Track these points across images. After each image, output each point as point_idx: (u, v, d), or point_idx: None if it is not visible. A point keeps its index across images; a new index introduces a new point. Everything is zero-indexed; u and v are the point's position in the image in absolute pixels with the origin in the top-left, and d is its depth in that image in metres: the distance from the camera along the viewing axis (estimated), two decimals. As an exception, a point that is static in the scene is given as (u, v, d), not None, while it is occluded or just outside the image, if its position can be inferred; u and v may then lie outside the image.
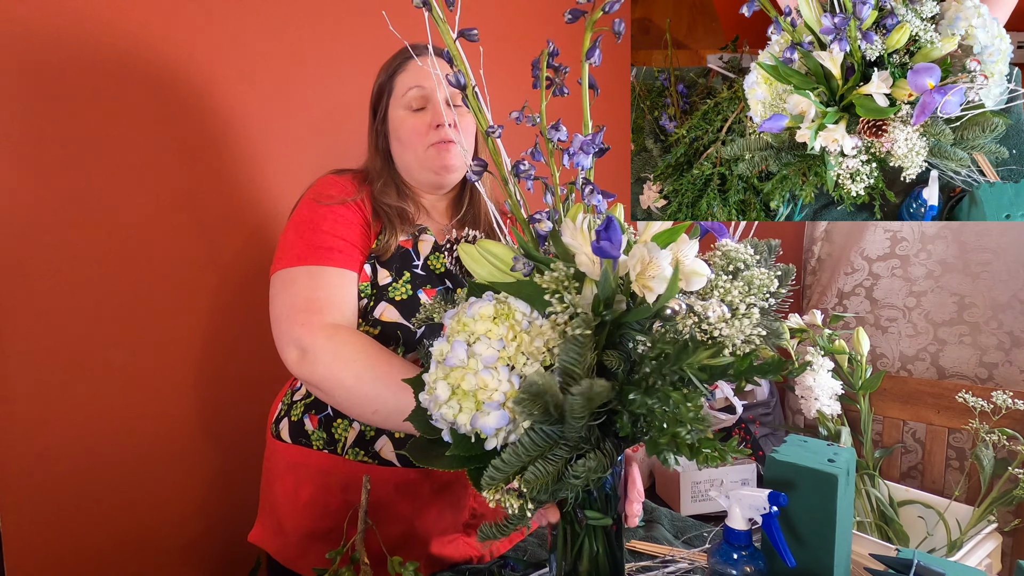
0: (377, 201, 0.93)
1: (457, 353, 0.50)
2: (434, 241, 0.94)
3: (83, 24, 1.03)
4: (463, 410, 0.50)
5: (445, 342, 0.53)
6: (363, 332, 0.86)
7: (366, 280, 0.88)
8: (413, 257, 0.91)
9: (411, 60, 0.93)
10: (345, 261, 0.85)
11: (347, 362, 0.77)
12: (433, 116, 0.91)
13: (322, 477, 0.89)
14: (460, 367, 0.50)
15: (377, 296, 0.88)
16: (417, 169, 0.95)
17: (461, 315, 0.53)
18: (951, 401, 1.18)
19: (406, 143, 0.93)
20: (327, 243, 0.84)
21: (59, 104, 1.02)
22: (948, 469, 1.51)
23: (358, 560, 0.63)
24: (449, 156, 0.92)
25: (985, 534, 0.88)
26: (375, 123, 0.97)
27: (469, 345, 0.51)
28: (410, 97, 0.92)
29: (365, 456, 0.88)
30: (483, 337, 0.50)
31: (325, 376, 0.77)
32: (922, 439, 1.58)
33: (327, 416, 0.90)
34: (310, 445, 0.90)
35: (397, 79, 0.94)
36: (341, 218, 0.87)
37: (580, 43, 0.55)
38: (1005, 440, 0.91)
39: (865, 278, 1.72)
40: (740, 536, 0.63)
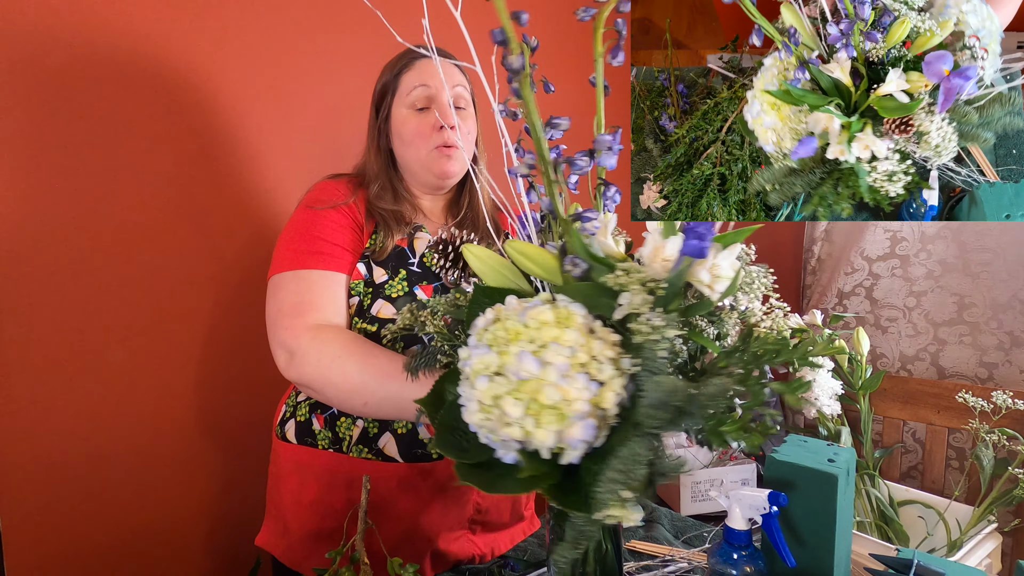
0: (372, 204, 0.94)
1: (526, 364, 0.45)
2: (429, 239, 0.95)
3: (82, 25, 1.03)
4: (541, 425, 0.45)
5: (489, 354, 0.48)
6: (360, 328, 0.88)
7: (359, 278, 0.90)
8: (409, 255, 0.92)
9: (417, 59, 0.94)
10: (332, 263, 0.88)
11: (332, 359, 0.80)
12: (438, 118, 0.92)
13: (327, 476, 0.90)
14: (533, 379, 0.45)
15: (374, 294, 0.89)
16: (419, 170, 0.96)
17: (507, 322, 0.48)
18: (951, 401, 1.18)
19: (409, 143, 0.94)
20: (314, 247, 0.87)
21: (60, 107, 1.02)
22: (948, 469, 1.51)
23: (358, 560, 0.63)
24: (452, 163, 0.94)
25: (985, 534, 0.88)
26: (377, 121, 0.98)
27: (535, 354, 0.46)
28: (415, 96, 0.93)
29: (369, 453, 0.89)
30: (553, 344, 0.46)
31: (314, 376, 0.81)
32: (922, 439, 1.58)
33: (332, 415, 0.91)
34: (316, 444, 0.91)
35: (403, 78, 0.94)
36: (331, 222, 0.89)
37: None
38: (1005, 440, 0.91)
39: (865, 278, 1.72)
40: (740, 536, 0.63)
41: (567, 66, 1.86)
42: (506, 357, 0.47)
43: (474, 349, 0.49)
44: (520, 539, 1.00)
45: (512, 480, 0.48)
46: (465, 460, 0.50)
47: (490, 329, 0.49)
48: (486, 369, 0.47)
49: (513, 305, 0.51)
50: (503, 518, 0.99)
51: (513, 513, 1.01)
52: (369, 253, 0.91)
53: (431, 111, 0.93)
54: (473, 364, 0.48)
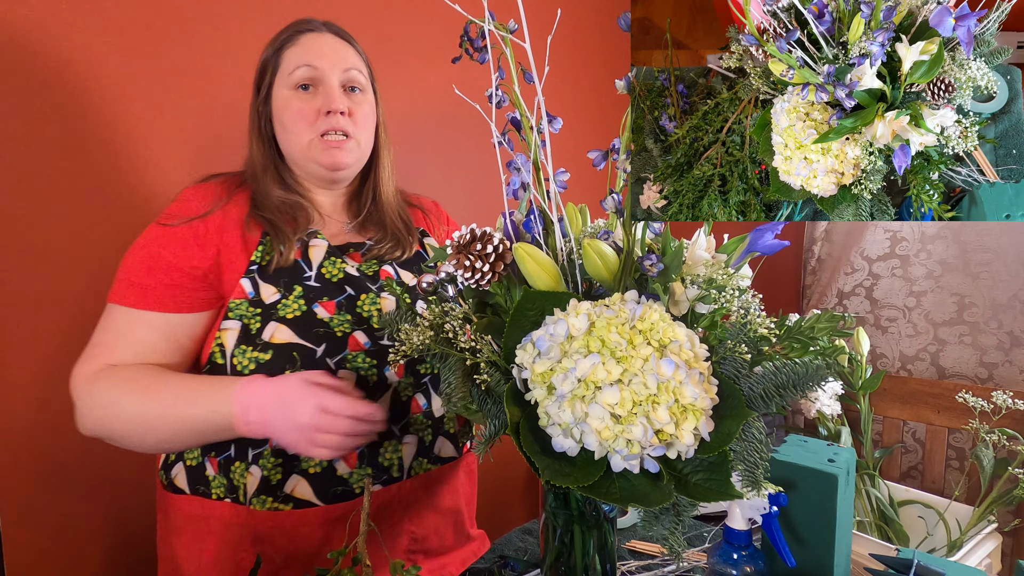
0: (256, 206, 0.81)
1: (664, 369, 0.43)
2: (328, 245, 0.83)
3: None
4: (680, 426, 0.44)
5: (598, 362, 0.44)
6: (252, 357, 0.76)
7: (242, 297, 0.77)
8: (304, 268, 0.80)
9: (303, 35, 0.83)
10: (150, 301, 0.75)
11: (105, 408, 0.71)
12: (324, 100, 0.80)
13: (227, 531, 0.76)
14: (667, 381, 0.44)
15: (264, 315, 0.76)
16: (304, 161, 0.83)
17: (617, 324, 0.46)
18: (951, 401, 1.18)
19: (290, 129, 0.82)
20: (132, 278, 0.76)
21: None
22: (948, 469, 1.51)
23: (360, 561, 0.63)
24: (340, 154, 0.82)
25: (985, 534, 0.88)
26: (256, 102, 0.85)
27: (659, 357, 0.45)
28: (298, 76, 0.81)
29: (275, 502, 0.75)
30: (674, 343, 0.45)
31: (97, 431, 0.73)
32: (922, 439, 1.58)
33: (227, 458, 0.78)
34: (209, 495, 0.77)
35: (285, 54, 0.82)
36: (174, 246, 0.76)
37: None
38: (1005, 440, 0.91)
39: (865, 278, 1.72)
40: (740, 536, 0.63)
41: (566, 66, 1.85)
42: (631, 362, 0.43)
43: (583, 359, 0.44)
44: (472, 560, 0.92)
45: (648, 489, 0.45)
46: (579, 484, 0.45)
47: (580, 338, 0.45)
48: (608, 378, 0.43)
49: (587, 308, 0.47)
50: (446, 542, 0.89)
51: (457, 533, 0.91)
52: (256, 267, 0.78)
53: (317, 93, 0.81)
54: (581, 375, 0.44)
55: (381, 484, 0.80)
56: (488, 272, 0.53)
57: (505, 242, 0.55)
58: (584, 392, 0.44)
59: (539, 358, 0.47)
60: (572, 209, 0.62)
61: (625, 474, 0.46)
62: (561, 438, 0.46)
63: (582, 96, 1.87)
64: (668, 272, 0.51)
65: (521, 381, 0.50)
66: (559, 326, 0.47)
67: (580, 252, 0.56)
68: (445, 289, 0.60)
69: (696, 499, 0.46)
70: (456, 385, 0.53)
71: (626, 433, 0.43)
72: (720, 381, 0.49)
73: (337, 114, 0.81)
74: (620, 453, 0.44)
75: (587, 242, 0.52)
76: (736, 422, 0.46)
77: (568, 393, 0.44)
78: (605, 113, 1.91)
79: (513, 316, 0.51)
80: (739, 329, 0.49)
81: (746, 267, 0.62)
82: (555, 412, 0.45)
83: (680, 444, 0.44)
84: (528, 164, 0.57)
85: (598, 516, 0.60)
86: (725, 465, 0.46)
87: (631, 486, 0.46)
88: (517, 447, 0.46)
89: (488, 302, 0.60)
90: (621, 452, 0.44)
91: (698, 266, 0.54)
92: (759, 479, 0.46)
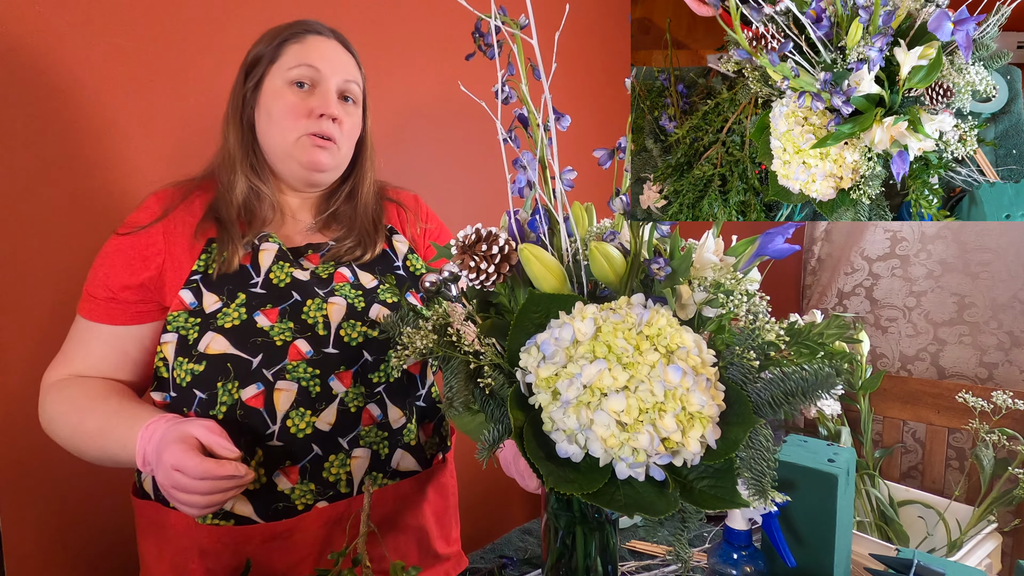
0: (216, 201, 0.81)
1: (671, 376, 0.43)
2: (279, 249, 0.81)
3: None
4: (686, 434, 0.43)
5: (604, 368, 0.43)
6: (188, 369, 0.75)
7: (182, 308, 0.76)
8: (251, 274, 0.78)
9: (309, 35, 0.82)
10: (95, 312, 0.77)
11: (48, 422, 0.76)
12: (320, 103, 0.80)
13: (179, 540, 0.76)
14: (676, 389, 0.43)
15: (203, 325, 0.75)
16: (282, 156, 0.82)
17: (624, 329, 0.45)
18: (951, 401, 1.18)
19: (277, 121, 0.81)
20: (88, 289, 0.79)
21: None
22: (948, 469, 1.51)
23: (360, 562, 0.63)
24: (322, 155, 0.82)
25: (985, 534, 0.88)
26: (243, 89, 0.82)
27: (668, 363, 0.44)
28: (297, 72, 0.80)
29: (214, 519, 0.74)
30: (681, 349, 0.44)
31: (51, 434, 0.76)
32: (922, 439, 1.58)
33: None
34: (167, 502, 0.76)
35: (287, 48, 0.81)
36: (123, 258, 0.77)
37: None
38: (1005, 440, 0.91)
39: (865, 278, 1.72)
40: (740, 536, 0.63)
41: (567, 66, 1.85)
42: (637, 368, 0.42)
43: (595, 365, 0.43)
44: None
45: (653, 497, 0.44)
46: (583, 491, 0.44)
47: (586, 343, 0.44)
48: (614, 385, 0.42)
49: (593, 312, 0.47)
50: (407, 562, 0.84)
51: (423, 553, 0.86)
52: (199, 276, 0.76)
53: (313, 93, 0.81)
54: (586, 381, 0.43)
55: (327, 501, 0.76)
56: (493, 273, 0.52)
57: (511, 243, 0.54)
58: (590, 398, 0.43)
59: (544, 362, 0.46)
60: (578, 208, 0.61)
61: (630, 481, 0.46)
62: (565, 444, 0.45)
63: (582, 96, 1.87)
64: (675, 276, 0.51)
65: (525, 385, 0.49)
66: (564, 330, 0.46)
67: (586, 253, 0.56)
68: (448, 288, 0.59)
69: (701, 507, 0.45)
70: (458, 388, 0.52)
71: (632, 441, 0.42)
72: (727, 387, 0.48)
73: (329, 119, 0.81)
74: (625, 461, 0.43)
75: (594, 245, 0.52)
76: (743, 429, 0.45)
77: (573, 399, 0.44)
78: (605, 113, 1.91)
79: (518, 318, 0.51)
80: (747, 335, 0.48)
81: (755, 271, 0.61)
82: (560, 418, 0.45)
83: (686, 452, 0.43)
84: (534, 162, 0.57)
85: (600, 518, 0.60)
86: (731, 472, 0.45)
87: (636, 493, 0.45)
88: (521, 452, 0.46)
89: (491, 301, 0.60)
90: (627, 460, 0.43)
91: (706, 269, 0.54)
92: (766, 487, 0.45)
